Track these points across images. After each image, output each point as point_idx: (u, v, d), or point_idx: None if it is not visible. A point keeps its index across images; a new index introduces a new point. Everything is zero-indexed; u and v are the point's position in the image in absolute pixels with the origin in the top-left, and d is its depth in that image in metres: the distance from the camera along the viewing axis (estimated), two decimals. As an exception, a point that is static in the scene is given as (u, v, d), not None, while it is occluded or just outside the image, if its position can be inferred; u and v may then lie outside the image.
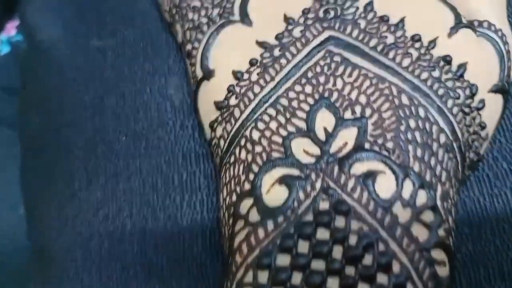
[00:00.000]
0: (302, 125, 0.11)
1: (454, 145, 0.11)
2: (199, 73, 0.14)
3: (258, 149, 0.11)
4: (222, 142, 0.13)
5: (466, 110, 0.12)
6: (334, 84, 0.11)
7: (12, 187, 0.20)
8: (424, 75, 0.11)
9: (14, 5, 0.30)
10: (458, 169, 0.11)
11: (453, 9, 0.13)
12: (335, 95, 0.11)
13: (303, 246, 0.10)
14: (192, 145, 0.15)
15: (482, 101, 0.12)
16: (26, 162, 0.18)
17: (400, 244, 0.09)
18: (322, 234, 0.10)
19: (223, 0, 0.14)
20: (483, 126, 0.12)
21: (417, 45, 0.12)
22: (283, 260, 0.09)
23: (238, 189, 0.11)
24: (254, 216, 0.10)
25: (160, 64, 0.16)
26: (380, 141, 0.10)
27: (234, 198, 0.11)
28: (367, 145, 0.10)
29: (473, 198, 0.14)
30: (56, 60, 0.17)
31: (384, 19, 0.12)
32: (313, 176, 0.10)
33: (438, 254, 0.10)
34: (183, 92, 0.15)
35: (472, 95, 0.12)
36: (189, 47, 0.14)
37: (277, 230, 0.10)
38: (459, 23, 0.13)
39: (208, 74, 0.13)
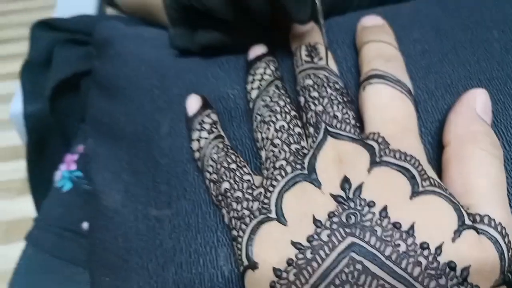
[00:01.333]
0: None
1: None
2: (245, 261, 0.17)
3: None
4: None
5: (470, 311, 0.14)
6: (357, 293, 0.14)
7: None
8: (432, 284, 0.14)
9: (71, 138, 0.34)
10: None
11: (456, 208, 0.15)
12: (359, 306, 0.14)
13: None
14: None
15: (484, 298, 0.14)
16: None
17: None
18: None
19: (260, 193, 0.17)
20: (487, 319, 0.14)
21: (425, 252, 0.14)
22: None
23: None
24: None
25: (210, 236, 0.19)
26: None
27: None
28: None
29: None
30: (121, 227, 0.21)
31: (396, 226, 0.15)
32: None
33: None
34: (231, 262, 0.18)
35: (475, 296, 0.14)
36: (234, 233, 0.17)
37: None
38: (462, 225, 0.15)
39: (252, 265, 0.16)
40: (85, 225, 0.27)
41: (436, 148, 0.19)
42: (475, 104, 0.18)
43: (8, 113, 0.38)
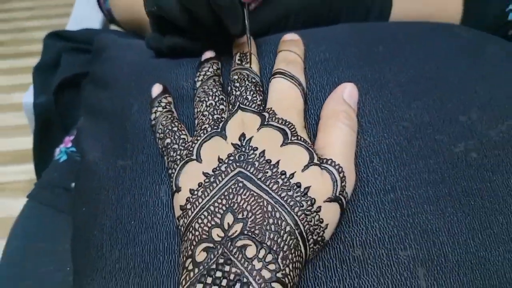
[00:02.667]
0: (218, 221, 0.21)
1: (296, 231, 0.21)
2: (174, 188, 0.25)
3: (196, 233, 0.22)
4: (182, 229, 0.23)
5: (307, 212, 0.22)
6: (237, 200, 0.22)
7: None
8: (283, 194, 0.22)
9: (71, 125, 0.43)
10: (299, 244, 0.21)
11: (310, 153, 0.23)
12: (236, 205, 0.22)
13: (210, 280, 0.19)
14: (172, 225, 0.25)
15: (319, 207, 0.22)
16: (74, 239, 0.29)
17: (254, 279, 0.19)
18: (219, 273, 0.19)
19: (189, 145, 0.26)
20: (321, 221, 0.22)
21: (282, 177, 0.22)
22: (199, 285, 0.19)
23: (186, 254, 0.22)
24: (190, 266, 0.21)
25: (156, 177, 0.27)
26: (252, 230, 0.21)
27: (185, 259, 0.22)
28: (245, 232, 0.21)
29: None
30: (97, 175, 0.29)
31: (268, 162, 0.23)
32: (218, 247, 0.20)
33: (277, 285, 0.19)
34: (168, 194, 0.26)
35: (312, 204, 0.22)
36: (169, 171, 0.26)
37: (199, 272, 0.20)
38: (311, 163, 0.23)
39: (178, 189, 0.24)
40: (73, 184, 0.35)
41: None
42: (343, 92, 0.27)
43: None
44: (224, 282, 0.19)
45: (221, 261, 0.20)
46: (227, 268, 0.19)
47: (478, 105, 0.28)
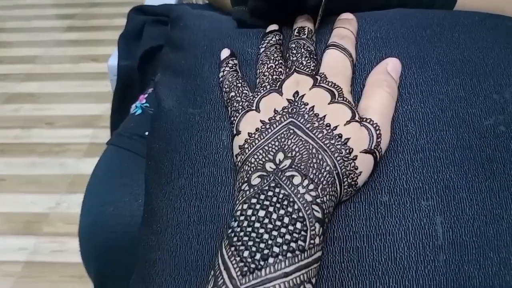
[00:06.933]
0: (271, 157, 0.26)
1: (334, 172, 0.25)
2: (235, 131, 0.30)
3: (252, 165, 0.26)
4: (239, 164, 0.28)
5: (345, 159, 0.26)
6: (287, 142, 0.26)
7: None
8: (326, 141, 0.26)
9: (145, 85, 0.49)
10: (336, 183, 0.25)
11: (352, 111, 0.27)
12: (286, 147, 0.26)
13: (262, 196, 0.24)
14: (230, 163, 0.30)
15: (355, 156, 0.26)
16: (148, 169, 0.35)
17: (298, 200, 0.24)
18: (270, 193, 0.24)
19: (250, 98, 0.30)
20: (356, 167, 0.26)
21: (327, 128, 0.27)
22: (254, 200, 0.24)
23: (242, 180, 0.26)
24: (246, 188, 0.25)
25: (219, 123, 0.32)
26: (299, 165, 0.25)
27: (241, 184, 0.26)
28: (293, 166, 0.25)
29: None
30: (171, 120, 0.34)
31: (316, 115, 0.27)
32: (271, 175, 0.25)
33: (316, 207, 0.24)
34: (229, 138, 0.31)
35: (350, 153, 0.26)
36: (232, 119, 0.31)
37: (254, 191, 0.24)
38: (352, 119, 0.27)
39: (238, 133, 0.29)
40: (147, 133, 0.41)
41: (364, 91, 0.31)
42: (388, 65, 0.30)
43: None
44: (274, 199, 0.24)
45: (272, 184, 0.24)
46: (277, 190, 0.24)
47: None
